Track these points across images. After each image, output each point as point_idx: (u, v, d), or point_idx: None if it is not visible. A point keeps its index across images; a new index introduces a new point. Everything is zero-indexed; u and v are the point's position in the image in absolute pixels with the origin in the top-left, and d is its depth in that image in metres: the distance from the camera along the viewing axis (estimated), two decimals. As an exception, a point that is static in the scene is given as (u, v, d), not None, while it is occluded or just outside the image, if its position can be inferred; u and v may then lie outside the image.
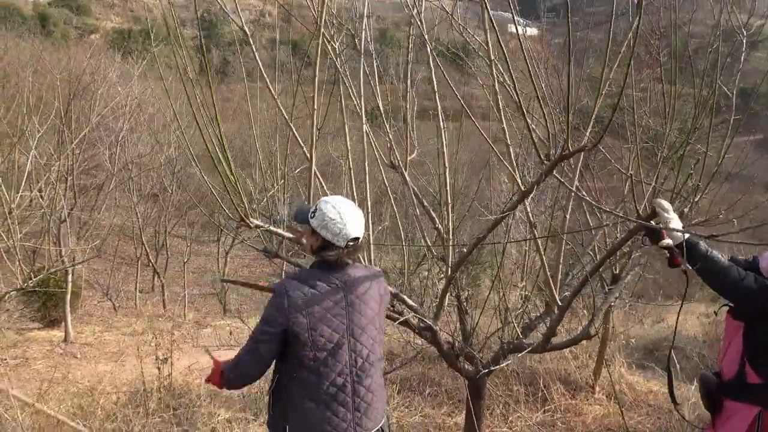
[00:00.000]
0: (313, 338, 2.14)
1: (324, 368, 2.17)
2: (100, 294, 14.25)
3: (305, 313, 2.13)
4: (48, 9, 38.33)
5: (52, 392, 5.43)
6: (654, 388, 5.46)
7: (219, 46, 38.52)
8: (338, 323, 2.19)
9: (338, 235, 2.19)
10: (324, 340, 2.16)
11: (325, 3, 2.79)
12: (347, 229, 2.20)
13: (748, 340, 2.41)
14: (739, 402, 2.43)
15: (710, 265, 2.33)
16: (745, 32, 3.44)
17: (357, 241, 2.24)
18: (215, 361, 2.36)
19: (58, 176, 9.17)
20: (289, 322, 2.12)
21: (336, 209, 2.21)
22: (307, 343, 2.14)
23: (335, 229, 2.19)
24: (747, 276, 2.31)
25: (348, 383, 2.21)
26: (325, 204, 2.24)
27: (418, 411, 4.97)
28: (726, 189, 5.04)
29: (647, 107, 4.96)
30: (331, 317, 2.18)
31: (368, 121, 3.90)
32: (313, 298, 2.15)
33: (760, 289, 2.30)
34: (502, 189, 7.47)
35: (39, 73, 12.85)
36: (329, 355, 2.17)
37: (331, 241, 2.21)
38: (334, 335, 2.18)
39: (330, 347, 2.17)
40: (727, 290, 2.36)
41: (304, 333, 2.13)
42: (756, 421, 2.35)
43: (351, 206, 2.27)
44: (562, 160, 1.77)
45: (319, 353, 2.15)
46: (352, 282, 2.25)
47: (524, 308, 4.09)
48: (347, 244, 2.21)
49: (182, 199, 14.58)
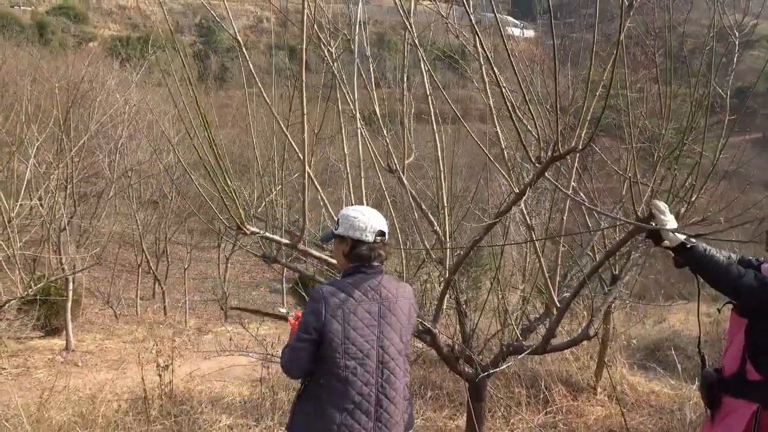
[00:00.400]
0: (346, 346, 2.20)
1: (352, 377, 2.22)
2: (101, 302, 14.24)
3: (340, 320, 2.19)
4: (46, 17, 38.43)
5: (53, 401, 5.42)
6: (656, 388, 5.45)
7: (217, 52, 38.63)
8: (369, 333, 2.26)
9: (365, 230, 2.31)
10: (355, 349, 2.21)
11: (317, 6, 2.80)
12: (372, 222, 2.32)
13: (749, 337, 2.42)
14: (738, 399, 2.44)
15: (709, 264, 2.33)
16: (738, 32, 3.46)
17: (384, 236, 2.35)
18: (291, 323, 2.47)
19: (58, 184, 9.18)
20: (325, 327, 2.18)
21: (356, 210, 2.38)
22: (339, 350, 2.19)
23: (361, 225, 2.32)
24: (747, 273, 2.32)
25: (373, 393, 2.25)
26: (345, 210, 2.41)
27: (420, 415, 4.97)
28: (724, 188, 5.05)
29: (644, 108, 4.97)
30: (364, 326, 2.24)
31: (366, 125, 3.91)
32: (349, 307, 2.21)
33: (761, 285, 2.30)
34: (501, 191, 7.47)
35: (37, 81, 12.90)
36: (358, 364, 2.22)
37: (360, 238, 2.31)
38: (365, 345, 2.24)
39: (360, 356, 2.22)
40: (726, 288, 2.36)
41: (337, 339, 2.19)
42: (753, 418, 2.36)
43: (370, 207, 2.44)
44: (554, 162, 1.78)
45: (349, 361, 2.21)
46: (386, 294, 2.32)
47: (523, 310, 4.09)
48: (376, 238, 2.32)
49: (182, 205, 14.59)
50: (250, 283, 18.83)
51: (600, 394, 5.21)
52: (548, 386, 5.15)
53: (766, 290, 2.28)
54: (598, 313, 3.26)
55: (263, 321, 13.08)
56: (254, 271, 19.28)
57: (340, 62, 3.63)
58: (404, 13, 3.23)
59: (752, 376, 2.39)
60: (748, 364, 2.40)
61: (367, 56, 3.84)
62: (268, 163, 5.46)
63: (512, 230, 6.06)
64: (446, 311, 4.32)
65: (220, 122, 15.86)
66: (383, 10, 35.02)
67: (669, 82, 3.60)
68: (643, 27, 5.03)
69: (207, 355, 7.99)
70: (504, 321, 3.84)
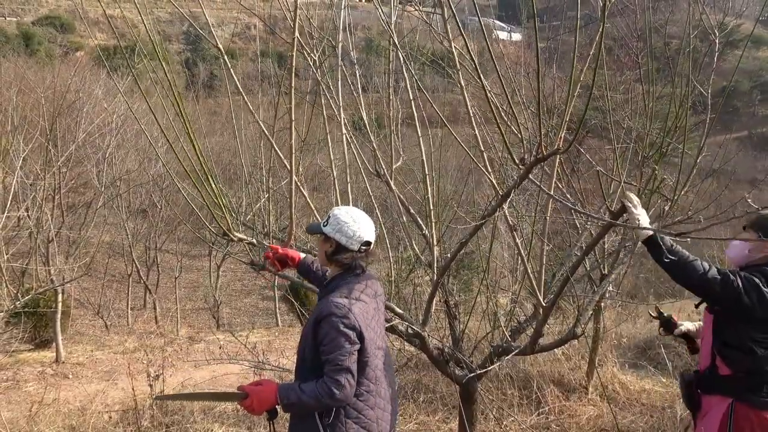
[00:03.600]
0: (370, 347, 2.23)
1: (380, 372, 2.29)
2: (91, 313, 14.13)
3: (365, 325, 2.21)
4: (32, 28, 38.14)
5: (43, 414, 5.37)
6: (647, 386, 5.48)
7: (206, 60, 38.51)
8: (380, 330, 2.36)
9: (352, 238, 2.28)
10: (375, 348, 2.27)
11: (297, 11, 2.81)
12: (361, 231, 2.29)
13: (715, 332, 2.47)
14: (712, 395, 2.49)
15: (677, 259, 2.34)
16: (719, 32, 3.51)
17: (369, 246, 2.34)
18: (249, 389, 2.20)
19: (45, 195, 9.11)
20: (362, 334, 2.18)
21: (349, 214, 2.33)
22: (368, 351, 2.22)
23: (349, 231, 2.28)
24: (711, 269, 2.34)
25: (393, 384, 2.39)
26: (338, 210, 2.36)
27: (413, 419, 4.96)
28: (712, 186, 5.11)
29: (629, 108, 5.02)
30: (375, 325, 2.32)
31: (354, 130, 3.91)
32: (366, 311, 2.25)
33: (722, 277, 2.31)
34: (491, 193, 7.51)
35: (23, 92, 12.80)
36: (382, 361, 2.31)
37: (345, 245, 2.29)
38: (381, 342, 2.34)
39: (380, 354, 2.31)
40: (693, 281, 2.36)
41: (371, 345, 2.23)
42: (728, 411, 2.41)
43: (362, 213, 2.39)
44: (538, 164, 1.80)
45: (376, 360, 2.26)
46: (376, 289, 2.40)
47: (512, 311, 4.10)
48: (360, 248, 2.30)
49: (172, 214, 14.53)
50: (242, 290, 18.75)
51: (591, 393, 5.23)
52: (540, 387, 5.16)
53: (728, 281, 2.30)
54: (585, 311, 3.29)
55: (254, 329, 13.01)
56: (246, 278, 19.20)
57: (328, 67, 3.64)
58: (386, 20, 3.24)
59: (723, 371, 2.44)
60: (718, 360, 2.45)
61: (353, 62, 3.85)
62: (257, 171, 5.46)
63: (502, 231, 6.09)
64: (436, 314, 4.33)
65: (209, 130, 15.82)
66: (372, 16, 35.16)
67: (651, 82, 3.65)
68: (627, 29, 5.09)
69: (198, 364, 7.95)
70: (494, 322, 3.85)
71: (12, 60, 21.46)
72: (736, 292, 2.29)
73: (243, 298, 18.03)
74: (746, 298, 2.29)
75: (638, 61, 4.57)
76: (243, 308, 17.02)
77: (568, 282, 2.61)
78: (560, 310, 5.88)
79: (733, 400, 2.41)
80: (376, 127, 3.91)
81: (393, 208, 4.55)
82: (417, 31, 4.19)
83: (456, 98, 5.31)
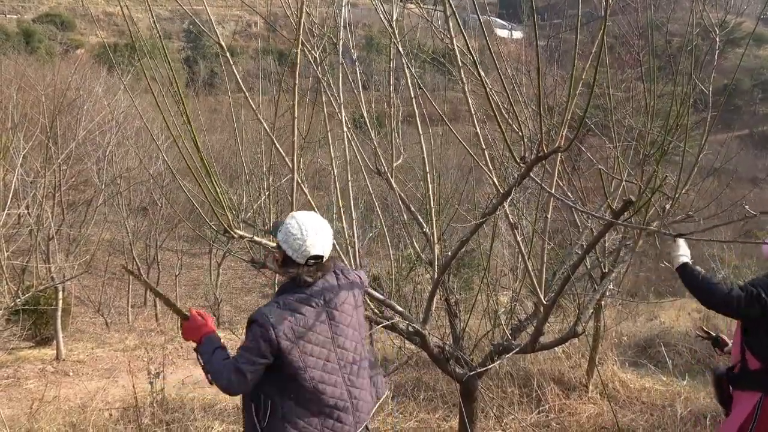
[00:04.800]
0: (305, 361, 2.17)
1: (321, 384, 2.20)
2: (91, 310, 14.14)
3: (296, 342, 2.14)
4: (32, 26, 38.15)
5: (43, 411, 5.37)
6: (647, 385, 5.48)
7: (206, 57, 38.50)
8: (324, 339, 2.22)
9: (298, 251, 2.17)
10: (314, 359, 2.19)
11: (303, 12, 2.81)
12: (306, 245, 2.16)
13: (744, 328, 2.55)
14: (743, 390, 2.52)
15: (701, 283, 2.58)
16: (720, 31, 3.50)
17: (320, 259, 2.22)
18: (193, 316, 2.31)
19: (45, 192, 9.11)
20: (281, 353, 2.13)
21: (299, 225, 2.19)
22: (301, 366, 2.16)
23: (295, 245, 2.17)
24: (734, 287, 2.52)
25: (344, 390, 2.26)
26: (291, 219, 2.22)
27: (414, 416, 4.96)
28: (714, 184, 5.10)
29: (630, 106, 5.01)
30: (318, 334, 2.20)
31: (355, 128, 3.91)
32: (302, 327, 2.16)
33: (747, 295, 2.45)
34: (492, 191, 7.49)
35: (23, 89, 12.79)
36: (322, 371, 2.21)
37: (292, 257, 2.19)
38: (323, 351, 2.22)
39: (321, 364, 2.21)
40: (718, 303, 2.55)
41: (297, 360, 2.16)
42: (756, 405, 2.43)
43: (317, 224, 2.23)
44: (538, 162, 1.79)
45: (313, 373, 2.18)
46: (329, 296, 2.25)
47: (513, 309, 4.10)
48: (307, 262, 2.19)
49: (172, 212, 14.53)
50: (242, 288, 18.75)
51: (592, 392, 5.23)
52: (540, 385, 5.16)
53: (751, 298, 2.44)
54: (585, 310, 3.29)
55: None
56: (246, 276, 19.19)
57: (329, 65, 3.63)
58: (387, 18, 3.23)
59: (752, 364, 2.48)
60: (747, 354, 2.50)
61: (353, 59, 3.85)
62: (258, 168, 5.46)
63: (503, 230, 6.09)
64: (437, 312, 4.32)
65: (210, 127, 15.81)
66: (372, 14, 35.10)
67: (652, 80, 3.64)
68: (628, 27, 5.08)
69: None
70: (494, 321, 3.85)
71: (12, 57, 21.45)
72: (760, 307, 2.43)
73: (243, 296, 18.03)
74: None
75: (639, 59, 4.56)
76: (243, 306, 17.01)
77: (569, 280, 2.61)
78: (561, 309, 5.89)
79: (762, 395, 2.44)
80: (376, 125, 3.90)
81: (394, 206, 4.55)
82: (418, 28, 4.18)
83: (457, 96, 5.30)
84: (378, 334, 6.64)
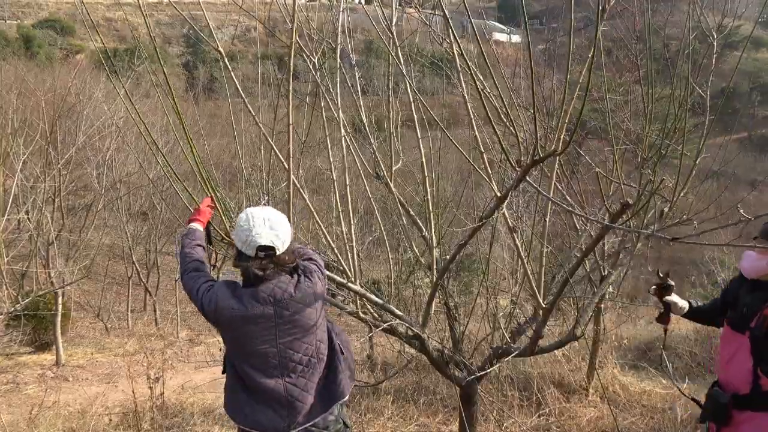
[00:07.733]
0: (242, 355, 2.23)
1: (253, 371, 2.22)
2: (91, 315, 14.12)
3: (229, 328, 2.19)
4: (32, 31, 38.18)
5: (43, 416, 5.36)
6: (647, 388, 5.47)
7: (206, 62, 38.54)
8: (267, 335, 2.17)
9: (245, 243, 2.13)
10: (247, 351, 2.21)
11: (296, 19, 2.82)
12: (252, 236, 2.11)
13: (756, 353, 2.50)
14: (755, 411, 2.50)
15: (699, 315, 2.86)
16: (718, 34, 3.51)
17: (270, 251, 2.13)
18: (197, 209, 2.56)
19: (45, 197, 9.12)
20: (216, 327, 2.25)
21: (247, 216, 2.16)
22: (232, 349, 2.26)
23: (242, 236, 2.13)
24: (716, 299, 2.77)
25: (280, 384, 2.23)
26: (243, 212, 2.21)
27: (414, 420, 4.95)
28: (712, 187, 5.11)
29: (628, 110, 5.03)
30: (259, 330, 2.16)
31: (355, 132, 3.92)
32: (239, 316, 2.14)
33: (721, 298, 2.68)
34: (491, 195, 7.49)
35: (23, 95, 12.81)
36: (258, 370, 2.22)
37: (241, 250, 2.16)
38: (262, 346, 2.18)
39: (258, 361, 2.21)
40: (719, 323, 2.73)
41: (231, 343, 2.25)
42: None
43: (268, 215, 2.17)
44: (534, 165, 1.80)
45: (248, 368, 2.22)
46: (280, 295, 2.15)
47: (512, 312, 4.10)
48: (257, 254, 2.12)
49: (172, 216, 14.54)
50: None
51: (592, 395, 5.22)
52: (540, 389, 5.16)
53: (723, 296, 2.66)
54: (585, 313, 3.29)
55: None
56: (246, 280, 19.17)
57: (328, 69, 3.64)
58: (386, 23, 3.25)
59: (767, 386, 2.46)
60: (762, 379, 2.47)
61: (352, 64, 3.86)
62: (257, 173, 5.47)
63: (503, 233, 6.09)
64: (436, 316, 4.32)
65: (209, 132, 15.82)
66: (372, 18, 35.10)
67: (650, 84, 3.65)
68: (626, 30, 5.09)
69: (199, 367, 7.94)
70: (494, 324, 3.85)
71: (12, 63, 21.47)
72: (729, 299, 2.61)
73: (243, 300, 18.01)
74: None
75: (637, 63, 4.57)
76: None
77: (568, 283, 2.62)
78: (560, 312, 5.89)
79: None
80: (375, 129, 3.91)
81: (393, 210, 4.55)
82: (417, 33, 4.19)
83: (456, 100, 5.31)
84: (378, 338, 6.64)
